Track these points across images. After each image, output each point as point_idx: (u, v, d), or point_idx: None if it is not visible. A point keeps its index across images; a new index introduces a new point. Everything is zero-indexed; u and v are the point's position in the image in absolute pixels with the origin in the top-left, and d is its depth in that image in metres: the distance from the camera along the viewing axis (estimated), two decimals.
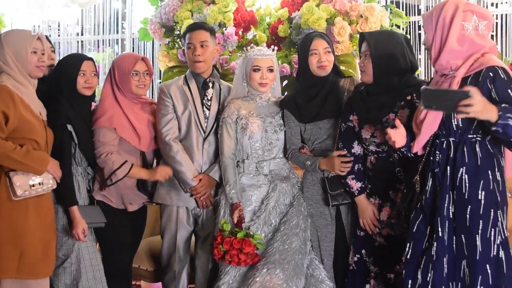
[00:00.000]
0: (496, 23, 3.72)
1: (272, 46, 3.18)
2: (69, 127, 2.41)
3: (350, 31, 3.29)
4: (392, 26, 3.46)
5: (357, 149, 2.33)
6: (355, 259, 2.38)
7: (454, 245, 1.96)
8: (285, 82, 3.40)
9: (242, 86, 2.57)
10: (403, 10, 3.74)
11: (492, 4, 3.69)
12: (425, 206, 2.00)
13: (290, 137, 2.56)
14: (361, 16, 3.30)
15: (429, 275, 1.97)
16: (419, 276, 1.99)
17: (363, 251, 2.36)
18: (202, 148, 2.57)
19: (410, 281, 2.00)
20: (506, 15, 3.73)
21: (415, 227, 1.99)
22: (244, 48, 3.34)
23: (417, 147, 2.03)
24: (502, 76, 1.88)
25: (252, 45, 3.49)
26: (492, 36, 3.63)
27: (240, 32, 3.53)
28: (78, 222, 2.40)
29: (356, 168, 2.34)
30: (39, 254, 2.30)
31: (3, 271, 2.22)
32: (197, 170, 2.58)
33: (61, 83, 2.50)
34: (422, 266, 1.99)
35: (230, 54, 3.48)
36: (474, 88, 1.81)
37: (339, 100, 2.44)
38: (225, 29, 3.44)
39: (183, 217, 2.60)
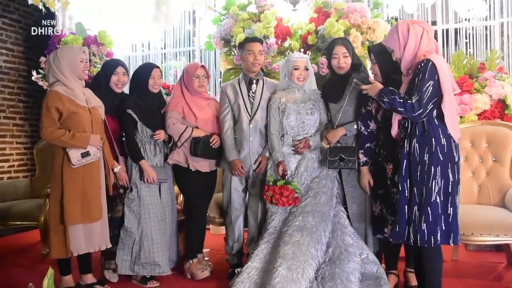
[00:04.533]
0: (469, 34, 4.21)
1: (304, 52, 3.73)
2: (129, 111, 2.94)
3: (362, 39, 3.74)
4: None
5: (372, 126, 2.69)
6: (378, 210, 2.70)
7: (410, 196, 2.30)
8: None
9: (284, 81, 2.99)
10: None
11: (466, 19, 4.15)
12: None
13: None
14: (370, 28, 3.76)
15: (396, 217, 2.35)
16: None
17: (382, 205, 2.66)
18: (249, 127, 3.02)
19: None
20: (475, 27, 4.21)
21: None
22: (287, 53, 3.79)
23: (394, 131, 2.43)
24: (420, 66, 2.23)
25: (288, 51, 3.98)
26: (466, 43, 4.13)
27: (279, 42, 3.99)
28: (149, 171, 2.91)
29: (366, 146, 2.70)
30: (93, 204, 2.67)
31: (71, 220, 2.60)
32: (247, 141, 3.01)
33: (135, 84, 3.04)
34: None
35: (272, 58, 3.97)
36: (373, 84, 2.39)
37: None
38: (268, 40, 3.91)
39: (236, 178, 3.09)
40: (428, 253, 2.31)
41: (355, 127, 2.79)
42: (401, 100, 2.25)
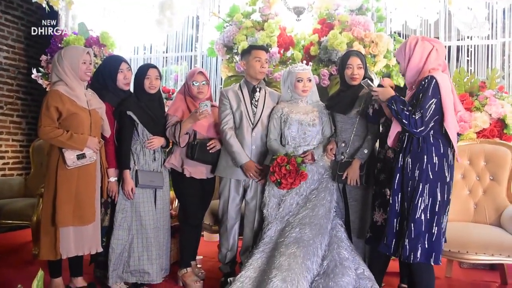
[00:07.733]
0: (471, 51, 4.27)
1: (306, 62, 3.72)
2: (129, 112, 2.86)
3: (365, 52, 3.71)
4: (395, 49, 3.82)
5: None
6: (381, 219, 2.59)
7: (400, 211, 2.34)
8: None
9: (287, 93, 2.99)
10: (403, 38, 4.21)
11: (468, 37, 4.21)
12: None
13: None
14: (372, 42, 3.77)
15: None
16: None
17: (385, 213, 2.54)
18: (251, 135, 2.97)
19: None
20: (477, 45, 4.30)
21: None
22: (289, 62, 3.76)
23: (390, 141, 2.45)
24: (423, 82, 2.26)
25: (290, 61, 3.97)
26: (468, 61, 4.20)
27: (281, 51, 4.01)
28: (128, 183, 2.83)
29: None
30: (86, 207, 2.66)
31: (62, 221, 2.58)
32: (248, 149, 2.94)
33: (137, 87, 2.94)
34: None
35: (273, 67, 3.98)
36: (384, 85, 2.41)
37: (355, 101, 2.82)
38: (271, 49, 3.90)
39: (234, 187, 3.03)
40: (419, 268, 2.30)
41: (365, 151, 2.80)
42: (408, 113, 2.26)
